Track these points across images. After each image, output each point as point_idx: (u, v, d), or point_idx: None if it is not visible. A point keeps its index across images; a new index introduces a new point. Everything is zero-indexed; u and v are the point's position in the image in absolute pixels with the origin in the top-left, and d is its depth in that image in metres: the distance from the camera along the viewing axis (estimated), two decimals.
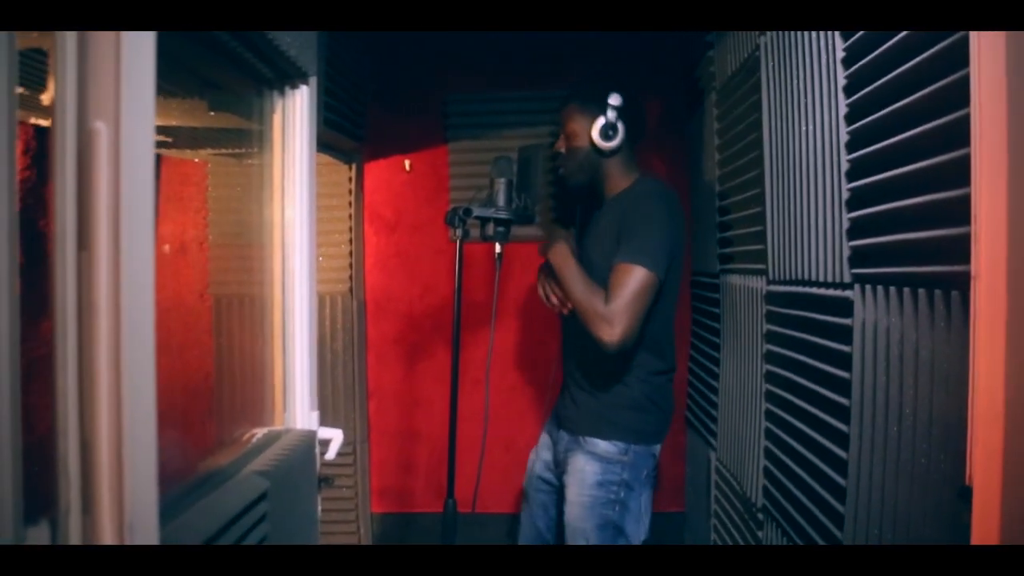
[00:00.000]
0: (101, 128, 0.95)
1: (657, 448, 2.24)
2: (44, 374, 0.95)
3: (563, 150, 2.26)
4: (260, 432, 1.82)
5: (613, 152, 2.19)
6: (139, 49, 1.00)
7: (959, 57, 0.96)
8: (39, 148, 1.06)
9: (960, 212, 0.95)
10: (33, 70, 1.00)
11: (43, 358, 0.95)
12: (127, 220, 0.95)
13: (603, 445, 2.15)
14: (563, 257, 2.08)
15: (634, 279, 1.96)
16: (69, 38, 0.94)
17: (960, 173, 0.95)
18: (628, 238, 2.03)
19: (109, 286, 0.94)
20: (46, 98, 0.97)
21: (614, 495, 2.15)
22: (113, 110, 0.96)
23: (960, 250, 0.97)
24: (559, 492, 2.33)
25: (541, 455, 2.41)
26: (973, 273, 0.90)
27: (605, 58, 3.01)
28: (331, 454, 1.97)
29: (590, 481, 2.15)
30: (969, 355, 0.91)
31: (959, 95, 0.96)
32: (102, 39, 0.95)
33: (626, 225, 2.05)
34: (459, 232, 2.10)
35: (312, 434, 1.89)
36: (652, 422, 2.20)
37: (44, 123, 1.08)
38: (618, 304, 1.95)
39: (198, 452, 1.67)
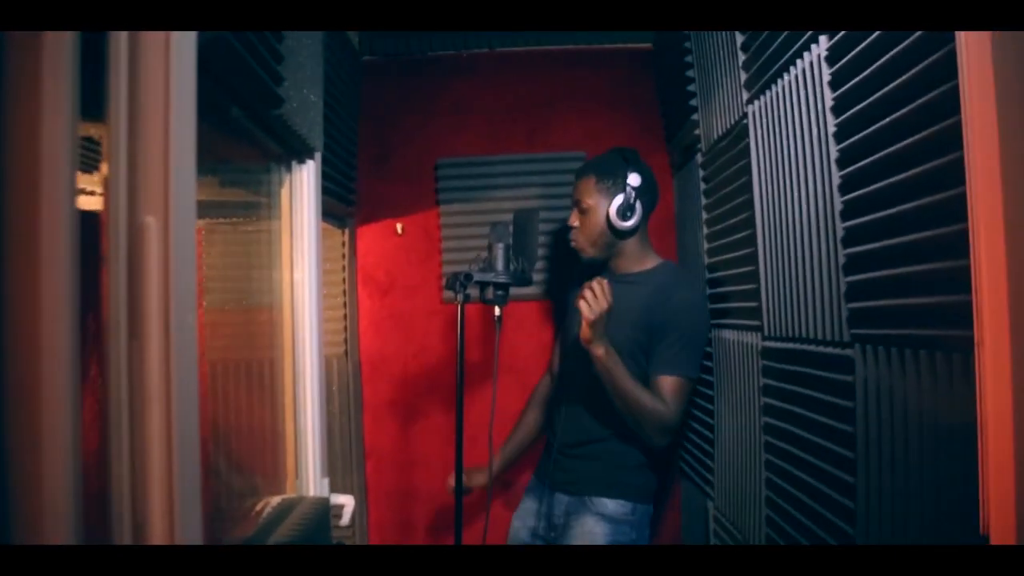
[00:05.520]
0: (151, 223, 0.99)
1: (651, 506, 2.31)
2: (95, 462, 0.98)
3: (575, 224, 2.29)
4: (274, 500, 1.84)
5: (630, 232, 2.25)
6: (185, 137, 1.04)
7: (954, 140, 1.04)
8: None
9: (961, 279, 1.02)
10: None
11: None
12: (176, 309, 0.99)
13: (612, 506, 2.20)
14: (614, 361, 2.10)
15: (685, 392, 2.20)
16: (122, 124, 0.97)
17: (960, 244, 1.02)
18: (674, 345, 2.17)
19: (160, 373, 0.98)
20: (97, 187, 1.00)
21: None
22: (162, 204, 1.00)
23: (957, 315, 1.04)
24: None
25: (527, 522, 2.42)
26: (977, 340, 0.97)
27: (588, 119, 3.10)
28: (345, 519, 2.00)
29: (601, 543, 2.19)
30: (977, 415, 0.97)
31: (955, 175, 1.03)
32: (152, 126, 0.99)
33: (669, 328, 2.18)
34: (460, 296, 2.16)
35: (325, 501, 1.92)
36: (653, 480, 2.27)
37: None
38: (676, 416, 2.18)
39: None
